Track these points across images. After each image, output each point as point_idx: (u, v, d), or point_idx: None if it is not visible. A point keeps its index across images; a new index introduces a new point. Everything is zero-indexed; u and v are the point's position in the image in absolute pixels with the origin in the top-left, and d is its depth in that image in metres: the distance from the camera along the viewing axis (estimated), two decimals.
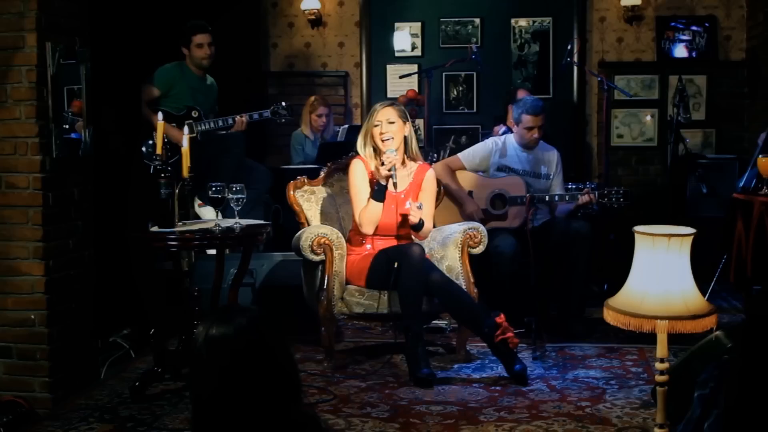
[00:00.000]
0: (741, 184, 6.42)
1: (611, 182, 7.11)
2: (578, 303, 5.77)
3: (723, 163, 7.59)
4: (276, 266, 5.95)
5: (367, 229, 5.03)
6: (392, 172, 4.95)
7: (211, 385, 2.15)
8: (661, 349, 3.62)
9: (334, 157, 5.75)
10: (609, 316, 3.66)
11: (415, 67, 8.15)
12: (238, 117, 6.30)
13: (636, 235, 3.70)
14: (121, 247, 5.45)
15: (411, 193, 5.16)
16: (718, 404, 2.16)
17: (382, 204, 5.01)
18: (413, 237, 5.13)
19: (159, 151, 4.57)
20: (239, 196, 4.58)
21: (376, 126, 5.06)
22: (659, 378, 3.64)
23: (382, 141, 5.03)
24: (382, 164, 4.98)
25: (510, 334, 4.66)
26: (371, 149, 5.12)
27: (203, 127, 6.28)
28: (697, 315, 3.50)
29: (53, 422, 4.23)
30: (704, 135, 8.12)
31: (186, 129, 4.90)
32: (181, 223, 4.64)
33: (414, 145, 5.20)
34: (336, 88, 8.52)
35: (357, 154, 5.17)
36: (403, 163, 5.15)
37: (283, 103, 6.59)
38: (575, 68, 8.19)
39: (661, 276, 3.53)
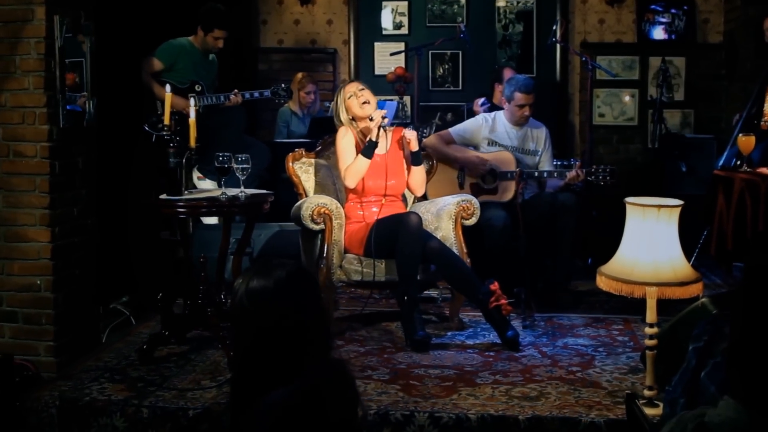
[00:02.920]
0: (720, 163, 6.62)
1: (594, 160, 7.29)
2: (565, 273, 5.98)
3: (701, 142, 7.77)
4: (273, 236, 6.12)
5: (350, 182, 5.24)
6: (384, 121, 5.19)
7: (251, 334, 2.31)
8: (651, 314, 3.82)
9: (326, 131, 5.90)
10: (602, 282, 3.85)
11: (402, 45, 8.31)
12: (232, 95, 6.45)
13: (627, 206, 3.89)
14: (120, 215, 5.61)
15: (395, 154, 5.40)
16: (714, 354, 2.35)
17: (369, 161, 5.20)
18: (407, 195, 5.32)
19: (167, 121, 4.71)
20: (244, 166, 4.74)
21: (350, 98, 5.31)
22: (648, 342, 3.84)
23: (361, 106, 5.27)
24: (371, 120, 5.21)
25: (503, 301, 4.86)
26: (348, 119, 5.37)
27: (205, 102, 6.43)
28: (684, 282, 3.70)
29: (66, 382, 4.39)
30: (683, 115, 8.31)
31: (192, 100, 5.03)
32: (187, 192, 4.79)
33: None
34: (325, 65, 8.63)
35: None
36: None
37: (283, 85, 6.76)
38: (558, 48, 8.35)
39: (651, 245, 3.73)
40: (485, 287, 4.89)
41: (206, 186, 6.34)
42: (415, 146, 5.31)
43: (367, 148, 5.21)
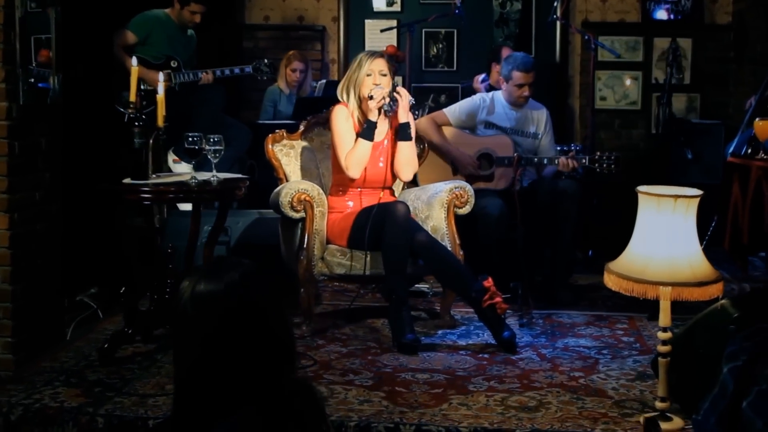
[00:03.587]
0: (731, 150, 6.26)
1: (596, 146, 6.89)
2: (565, 266, 5.59)
3: (708, 128, 7.39)
4: (252, 224, 5.71)
5: (355, 171, 4.77)
6: (385, 101, 4.72)
7: (196, 348, 1.91)
8: (665, 317, 3.44)
9: (312, 113, 5.48)
10: (610, 281, 3.47)
11: (394, 23, 7.90)
12: (203, 73, 6.08)
13: (640, 196, 3.51)
14: (90, 201, 5.22)
15: (392, 141, 4.94)
16: (757, 380, 1.95)
17: (371, 144, 4.77)
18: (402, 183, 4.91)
19: (133, 98, 4.29)
20: (217, 147, 4.32)
21: (368, 76, 4.81)
22: (661, 348, 3.46)
23: (372, 89, 4.79)
24: (370, 98, 4.73)
25: (498, 299, 4.45)
26: (356, 100, 4.87)
27: (181, 79, 6.06)
28: (703, 282, 3.33)
29: (16, 386, 3.96)
30: (689, 99, 7.92)
31: (161, 75, 4.62)
32: (155, 176, 4.39)
33: None
34: (313, 43, 8.21)
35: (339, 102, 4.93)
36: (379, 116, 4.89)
37: (266, 60, 6.40)
38: (558, 28, 7.99)
39: (666, 239, 3.35)
40: (478, 284, 4.48)
41: (182, 169, 5.92)
42: (403, 116, 4.83)
43: (366, 130, 4.76)
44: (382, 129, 4.88)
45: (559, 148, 6.13)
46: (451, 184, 4.92)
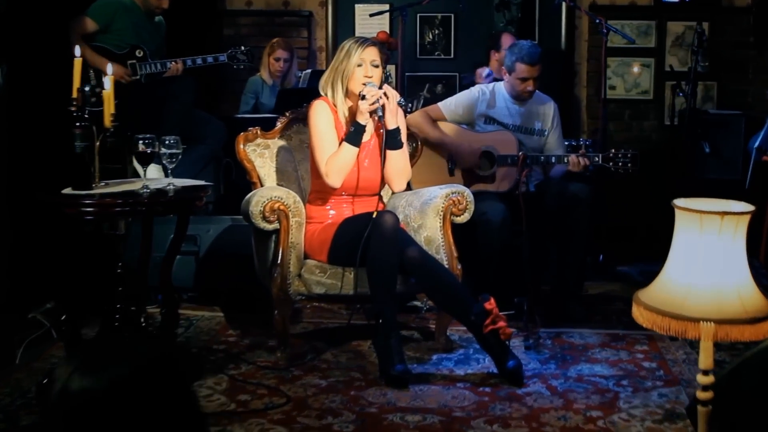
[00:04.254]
0: (756, 144, 5.70)
1: (608, 141, 6.28)
2: (576, 280, 4.99)
3: (727, 119, 6.80)
4: (224, 231, 5.12)
5: (335, 179, 4.13)
6: (377, 105, 4.09)
7: None
8: (706, 358, 2.82)
9: (296, 105, 4.85)
10: (641, 316, 2.85)
11: (385, 7, 7.27)
12: (171, 63, 5.48)
13: (677, 212, 2.88)
14: (45, 206, 4.67)
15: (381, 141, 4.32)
16: None
17: (357, 149, 4.14)
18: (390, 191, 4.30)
19: (74, 93, 3.68)
20: (173, 151, 3.72)
21: (359, 66, 4.18)
22: (702, 395, 2.85)
23: (363, 83, 4.17)
24: (362, 98, 4.11)
25: (502, 324, 3.84)
26: (342, 94, 4.25)
27: (148, 70, 5.48)
28: (757, 318, 2.71)
29: None
30: (705, 88, 7.32)
31: (109, 67, 3.99)
32: (103, 183, 3.79)
33: None
34: (299, 29, 7.58)
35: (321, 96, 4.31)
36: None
37: (243, 47, 5.80)
38: (563, 12, 7.40)
39: (710, 266, 2.72)
40: (478, 306, 3.88)
41: (152, 174, 5.32)
42: (391, 122, 4.19)
43: (353, 134, 4.12)
44: (369, 126, 4.26)
45: (567, 143, 5.53)
46: (447, 189, 4.31)
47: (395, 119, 4.18)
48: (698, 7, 7.34)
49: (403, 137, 4.26)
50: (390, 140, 4.18)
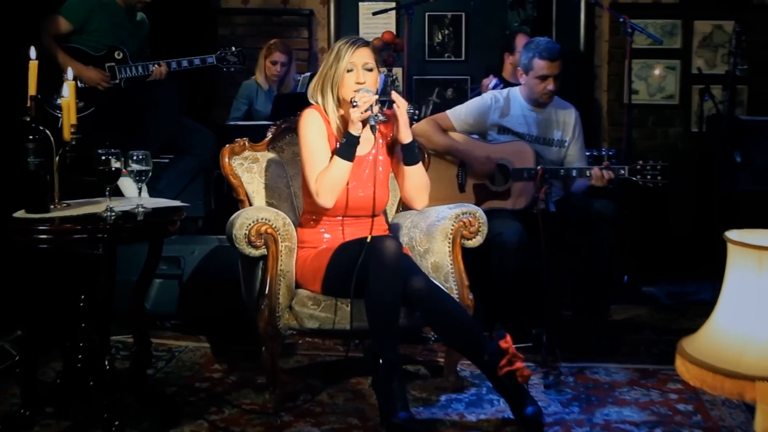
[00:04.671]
0: None
1: (632, 151, 5.80)
2: (601, 308, 4.51)
3: (760, 126, 6.34)
4: (210, 253, 4.66)
5: (326, 199, 3.65)
6: (370, 113, 3.61)
7: None
8: (763, 421, 2.36)
9: (294, 112, 4.36)
10: (687, 372, 2.37)
11: (390, 5, 6.85)
12: (154, 66, 5.05)
13: (730, 247, 2.39)
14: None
15: (383, 152, 3.86)
16: None
17: (350, 164, 3.67)
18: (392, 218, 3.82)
19: (29, 102, 3.23)
20: (142, 168, 3.26)
21: (349, 71, 3.71)
22: None
23: (354, 89, 3.69)
24: (354, 106, 3.64)
25: (519, 365, 3.36)
26: (335, 102, 3.78)
27: (128, 73, 5.05)
28: None
29: None
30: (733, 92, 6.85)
31: (70, 72, 3.53)
32: (64, 204, 3.33)
33: None
34: (299, 29, 7.18)
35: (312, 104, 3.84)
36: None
37: (233, 48, 5.38)
38: (582, 11, 7.03)
39: None
40: (493, 344, 3.39)
41: (130, 185, 4.88)
42: (406, 135, 3.73)
43: (345, 147, 3.64)
44: (368, 137, 3.79)
45: (588, 154, 5.06)
46: (458, 209, 3.83)
47: (409, 132, 3.71)
48: (727, 4, 6.89)
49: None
50: (407, 155, 3.73)
